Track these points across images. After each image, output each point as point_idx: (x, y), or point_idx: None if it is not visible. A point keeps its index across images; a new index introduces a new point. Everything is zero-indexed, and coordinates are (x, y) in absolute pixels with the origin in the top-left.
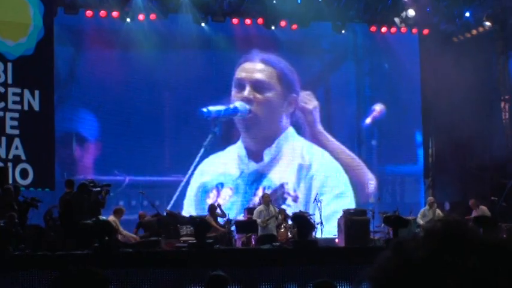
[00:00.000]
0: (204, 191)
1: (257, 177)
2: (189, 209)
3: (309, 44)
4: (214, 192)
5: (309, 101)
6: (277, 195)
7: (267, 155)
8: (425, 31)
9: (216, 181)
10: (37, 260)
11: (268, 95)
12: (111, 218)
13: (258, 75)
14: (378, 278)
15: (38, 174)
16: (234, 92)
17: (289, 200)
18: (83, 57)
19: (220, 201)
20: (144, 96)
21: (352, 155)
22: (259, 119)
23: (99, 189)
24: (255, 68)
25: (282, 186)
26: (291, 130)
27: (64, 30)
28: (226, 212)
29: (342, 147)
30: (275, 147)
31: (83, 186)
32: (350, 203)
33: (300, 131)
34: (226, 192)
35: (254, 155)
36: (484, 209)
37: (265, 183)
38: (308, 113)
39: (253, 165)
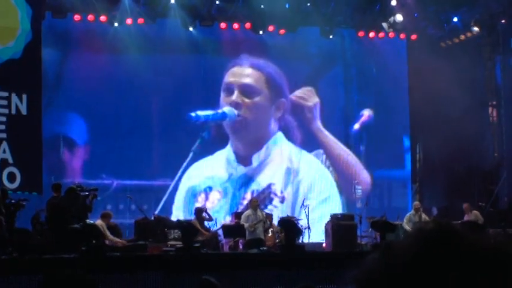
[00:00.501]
0: (193, 194)
1: (245, 181)
2: (177, 212)
3: (297, 48)
4: (203, 195)
5: (310, 98)
6: (264, 195)
7: (255, 159)
8: (413, 36)
9: (204, 184)
10: (24, 263)
11: (256, 100)
12: (99, 222)
13: (246, 80)
14: (362, 280)
15: (26, 177)
16: (222, 96)
17: (276, 201)
18: (71, 61)
19: (208, 204)
20: (132, 100)
21: (348, 152)
22: (247, 123)
23: (86, 193)
24: (243, 72)
25: (269, 186)
26: (279, 135)
27: (52, 34)
28: (213, 216)
29: (340, 145)
30: (264, 152)
31: (70, 190)
32: (337, 208)
33: (288, 135)
34: (214, 196)
35: (243, 159)
36: (476, 214)
37: (253, 187)
38: (308, 110)
39: (241, 169)
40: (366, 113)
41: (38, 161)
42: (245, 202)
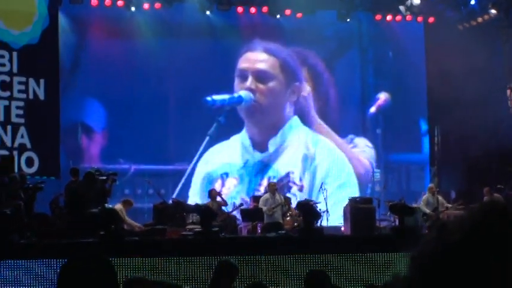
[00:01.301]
0: (209, 180)
1: (262, 167)
2: (194, 198)
3: (313, 32)
4: (219, 181)
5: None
6: (283, 184)
7: (271, 145)
8: (431, 19)
9: (220, 170)
10: (43, 248)
11: (271, 85)
12: (118, 206)
13: (260, 65)
14: (422, 262)
15: (44, 162)
16: (236, 82)
17: (294, 189)
18: (88, 47)
19: (225, 190)
20: (148, 84)
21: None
22: (262, 109)
23: (105, 177)
24: (257, 58)
25: (287, 175)
26: (295, 119)
27: (69, 19)
28: (227, 200)
29: (337, 136)
30: (280, 137)
31: (89, 174)
32: (354, 192)
33: (304, 119)
34: (231, 182)
35: (258, 144)
36: (498, 198)
37: (270, 173)
38: (303, 100)
39: (258, 155)
40: (383, 96)
41: (55, 146)
42: (262, 188)
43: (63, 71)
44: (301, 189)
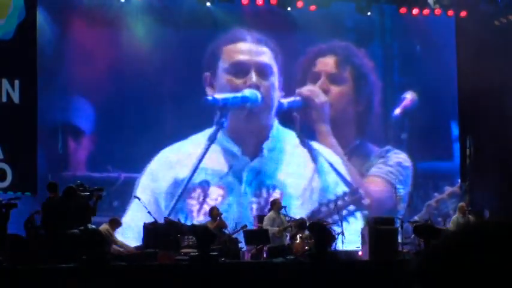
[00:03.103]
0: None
1: (256, 175)
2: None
3: (329, 23)
4: (199, 191)
5: (318, 95)
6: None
7: (265, 149)
8: (463, 13)
9: (196, 179)
10: (16, 274)
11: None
12: (104, 227)
13: (261, 58)
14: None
15: (18, 175)
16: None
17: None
18: (71, 41)
19: (210, 202)
20: (141, 82)
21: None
22: (260, 108)
23: (88, 193)
24: (258, 50)
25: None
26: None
27: (49, 11)
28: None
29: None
30: (270, 141)
31: (69, 190)
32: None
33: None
34: (215, 192)
35: (250, 148)
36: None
37: (268, 181)
38: (315, 108)
39: (246, 160)
40: (409, 97)
41: (32, 157)
42: (254, 199)
43: (42, 69)
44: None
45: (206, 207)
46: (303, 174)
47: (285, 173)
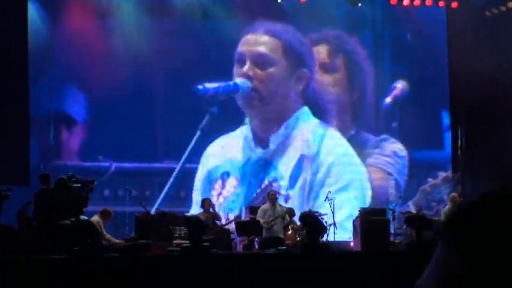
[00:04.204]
0: (209, 180)
1: (263, 167)
2: (198, 198)
3: (320, 13)
4: (219, 182)
5: None
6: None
7: (273, 141)
8: (454, 4)
9: (221, 169)
10: (9, 265)
11: (271, 70)
12: (95, 218)
13: (260, 48)
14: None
15: (9, 167)
16: (235, 67)
17: (280, 199)
18: (63, 28)
19: (224, 193)
20: (133, 71)
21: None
22: (262, 98)
23: (79, 185)
24: (257, 40)
25: (270, 184)
26: (304, 111)
27: None
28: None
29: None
30: (283, 131)
31: (61, 181)
32: (360, 196)
33: (315, 111)
34: (231, 183)
35: (261, 139)
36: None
37: (272, 173)
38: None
39: (259, 152)
40: (399, 86)
41: (23, 147)
42: (258, 191)
43: (33, 55)
44: (286, 199)
45: (221, 199)
46: (306, 166)
47: (287, 166)
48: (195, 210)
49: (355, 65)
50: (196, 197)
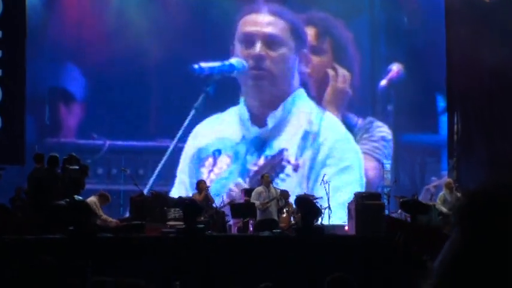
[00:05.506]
0: (198, 158)
1: (259, 145)
2: (182, 176)
3: None
4: (210, 160)
5: None
6: (275, 162)
7: (271, 119)
8: None
9: (212, 147)
10: (2, 245)
11: (282, 51)
12: (92, 199)
13: (270, 29)
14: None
15: (4, 146)
16: (239, 48)
17: (288, 169)
18: (60, 6)
19: (216, 170)
20: (127, 49)
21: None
22: (272, 78)
23: (77, 167)
24: (265, 21)
25: (281, 152)
26: (300, 92)
27: None
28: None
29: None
30: (281, 111)
31: (53, 159)
32: (358, 178)
33: (310, 92)
34: (223, 161)
35: (257, 118)
36: None
37: (267, 151)
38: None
39: (255, 130)
40: (395, 68)
41: (19, 126)
42: (255, 168)
43: (29, 33)
44: (296, 168)
45: (212, 176)
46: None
47: (284, 144)
48: (179, 189)
49: (342, 49)
50: (181, 175)
